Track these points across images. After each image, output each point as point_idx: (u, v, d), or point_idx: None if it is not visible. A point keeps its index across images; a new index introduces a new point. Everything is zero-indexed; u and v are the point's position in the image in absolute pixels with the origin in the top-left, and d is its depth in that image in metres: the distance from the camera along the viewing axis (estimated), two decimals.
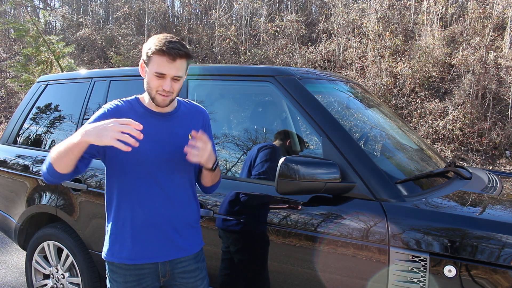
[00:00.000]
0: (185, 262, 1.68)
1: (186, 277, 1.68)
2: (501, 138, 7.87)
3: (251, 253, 1.96)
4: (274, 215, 1.91)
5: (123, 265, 1.60)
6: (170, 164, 1.60)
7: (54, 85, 3.11)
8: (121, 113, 1.58)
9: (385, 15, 10.35)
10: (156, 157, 1.58)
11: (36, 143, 3.02)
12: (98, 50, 14.94)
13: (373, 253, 1.66)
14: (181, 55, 1.49)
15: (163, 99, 1.54)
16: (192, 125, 1.69)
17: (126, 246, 1.59)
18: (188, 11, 15.06)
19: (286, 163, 1.69)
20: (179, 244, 1.64)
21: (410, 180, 1.88)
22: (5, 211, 3.15)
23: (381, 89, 9.31)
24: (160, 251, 1.61)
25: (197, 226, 1.74)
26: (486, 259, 1.48)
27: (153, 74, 1.50)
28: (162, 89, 1.51)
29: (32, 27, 9.47)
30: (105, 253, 1.64)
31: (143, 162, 1.57)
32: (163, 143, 1.60)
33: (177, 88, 1.55)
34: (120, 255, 1.60)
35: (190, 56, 1.54)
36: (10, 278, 3.53)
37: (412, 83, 9.13)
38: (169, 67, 1.48)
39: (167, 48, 1.46)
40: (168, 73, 1.49)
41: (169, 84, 1.50)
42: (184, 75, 1.56)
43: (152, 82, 1.52)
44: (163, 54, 1.47)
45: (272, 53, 11.31)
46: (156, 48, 1.47)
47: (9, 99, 14.04)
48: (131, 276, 1.60)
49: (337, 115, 2.08)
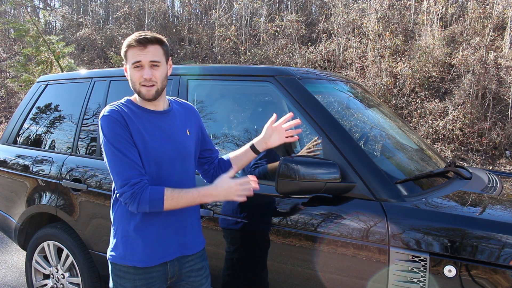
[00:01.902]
0: (192, 261, 1.70)
1: (193, 276, 1.70)
2: (501, 138, 7.87)
3: (252, 252, 1.96)
4: (274, 215, 1.90)
5: (134, 269, 1.58)
6: (173, 161, 1.61)
7: (54, 85, 3.11)
8: (125, 116, 1.55)
9: (385, 15, 10.35)
10: (166, 154, 1.59)
11: (36, 143, 3.02)
12: (98, 50, 14.93)
13: (373, 253, 1.66)
14: (151, 40, 1.53)
15: (147, 89, 1.54)
16: (189, 121, 1.72)
17: (138, 248, 1.58)
18: (188, 11, 15.06)
19: (286, 163, 1.69)
20: (186, 242, 1.66)
21: (410, 180, 1.88)
22: (5, 211, 3.14)
23: (381, 89, 9.30)
24: (169, 250, 1.62)
25: (199, 224, 1.76)
26: (486, 259, 1.48)
27: (132, 68, 1.54)
28: (143, 79, 1.53)
29: (32, 27, 9.47)
30: (114, 256, 1.61)
31: (156, 160, 1.57)
32: (165, 140, 1.60)
33: (158, 76, 1.55)
34: (132, 258, 1.58)
35: (160, 41, 1.57)
36: (10, 278, 3.53)
37: (412, 83, 9.13)
38: (142, 54, 1.52)
39: (135, 40, 1.52)
40: (143, 60, 1.52)
41: (148, 71, 1.52)
42: (162, 61, 1.56)
43: (133, 76, 1.55)
44: (133, 46, 1.53)
45: (272, 53, 11.31)
46: (127, 44, 1.55)
47: (9, 99, 14.04)
48: (141, 280, 1.59)
49: (337, 115, 2.08)
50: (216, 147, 2.13)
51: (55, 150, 2.86)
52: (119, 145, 1.50)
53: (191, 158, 1.69)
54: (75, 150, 2.72)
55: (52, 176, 2.73)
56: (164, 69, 1.59)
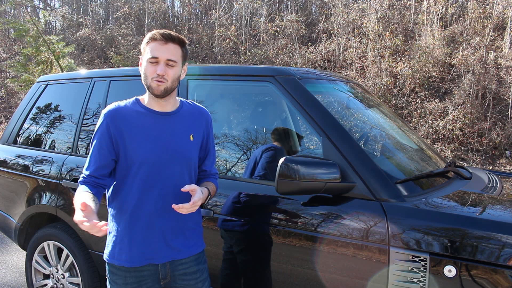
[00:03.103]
0: (186, 264, 1.67)
1: (187, 279, 1.68)
2: (501, 138, 7.87)
3: (251, 253, 1.96)
4: (274, 215, 1.90)
5: (123, 268, 1.60)
6: (171, 164, 1.60)
7: (54, 85, 3.11)
8: (120, 116, 1.58)
9: (385, 15, 10.35)
10: (157, 157, 1.58)
11: (36, 143, 3.02)
12: (98, 50, 14.94)
13: (373, 253, 1.66)
14: (173, 38, 1.55)
15: (158, 84, 1.54)
16: (194, 125, 1.69)
17: (124, 248, 1.60)
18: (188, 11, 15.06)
19: (286, 163, 1.69)
20: (177, 246, 1.64)
21: (410, 180, 1.88)
22: (5, 211, 3.15)
23: (381, 89, 9.31)
24: (158, 253, 1.61)
25: (198, 228, 1.73)
26: (486, 259, 1.48)
27: (147, 61, 1.55)
28: (156, 74, 1.53)
29: (32, 27, 9.47)
30: (107, 255, 1.65)
31: (145, 162, 1.57)
32: (165, 143, 1.60)
33: (171, 75, 1.55)
34: (119, 257, 1.60)
35: (182, 42, 1.59)
36: (10, 278, 3.53)
37: (412, 83, 9.13)
38: (161, 50, 1.53)
39: (159, 34, 1.54)
40: (161, 56, 1.53)
41: (163, 68, 1.53)
42: (179, 62, 1.57)
43: (147, 70, 1.55)
44: (155, 40, 1.54)
45: (272, 53, 11.31)
46: (149, 37, 1.55)
47: (9, 99, 14.04)
48: (131, 278, 1.60)
49: (337, 115, 2.08)
50: (216, 147, 2.12)
51: (55, 150, 2.86)
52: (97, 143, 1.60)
53: (188, 164, 1.65)
54: (75, 150, 2.72)
55: (52, 176, 2.73)
56: (178, 71, 1.59)
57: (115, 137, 1.57)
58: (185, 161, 1.63)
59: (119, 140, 1.57)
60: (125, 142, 1.56)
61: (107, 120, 1.58)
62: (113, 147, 1.58)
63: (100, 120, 1.61)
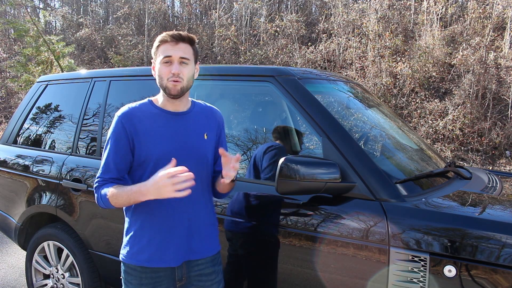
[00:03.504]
0: (202, 265, 1.68)
1: (203, 280, 1.68)
2: (501, 138, 7.87)
3: (252, 252, 1.96)
4: (274, 215, 1.90)
5: (140, 268, 1.60)
6: (188, 161, 1.60)
7: (54, 85, 3.11)
8: (135, 117, 1.59)
9: (385, 15, 10.36)
10: (175, 154, 1.58)
11: (36, 143, 3.02)
12: (98, 50, 14.94)
13: (373, 253, 1.66)
14: (183, 38, 1.57)
15: (174, 84, 1.55)
16: (207, 125, 1.70)
17: (143, 248, 1.60)
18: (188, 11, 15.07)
19: (286, 163, 1.69)
20: (194, 246, 1.65)
21: (410, 180, 1.88)
22: (5, 211, 3.15)
23: (381, 89, 9.31)
24: (176, 253, 1.61)
25: (213, 229, 1.73)
26: (486, 259, 1.48)
27: (161, 63, 1.57)
28: (171, 74, 1.55)
29: (32, 27, 9.47)
30: (123, 255, 1.65)
31: (163, 159, 1.56)
32: (181, 140, 1.61)
33: (186, 73, 1.57)
34: (137, 258, 1.60)
35: (193, 41, 1.61)
36: (10, 278, 3.53)
37: (412, 83, 9.13)
38: (173, 50, 1.55)
39: (169, 36, 1.57)
40: (174, 55, 1.55)
41: (177, 67, 1.55)
42: (192, 60, 1.60)
43: (161, 71, 1.57)
44: (166, 42, 1.57)
45: (272, 53, 11.32)
46: (159, 40, 1.58)
47: (9, 99, 14.04)
48: (147, 279, 1.60)
49: (337, 115, 2.08)
50: None
51: (55, 150, 2.86)
52: (113, 145, 1.60)
53: (205, 162, 1.66)
54: (75, 150, 2.72)
55: (52, 176, 2.73)
56: (192, 69, 1.61)
57: (131, 136, 1.58)
58: (202, 159, 1.65)
59: (135, 139, 1.58)
60: (141, 141, 1.57)
61: (123, 121, 1.58)
62: (129, 147, 1.59)
63: (114, 122, 1.60)
